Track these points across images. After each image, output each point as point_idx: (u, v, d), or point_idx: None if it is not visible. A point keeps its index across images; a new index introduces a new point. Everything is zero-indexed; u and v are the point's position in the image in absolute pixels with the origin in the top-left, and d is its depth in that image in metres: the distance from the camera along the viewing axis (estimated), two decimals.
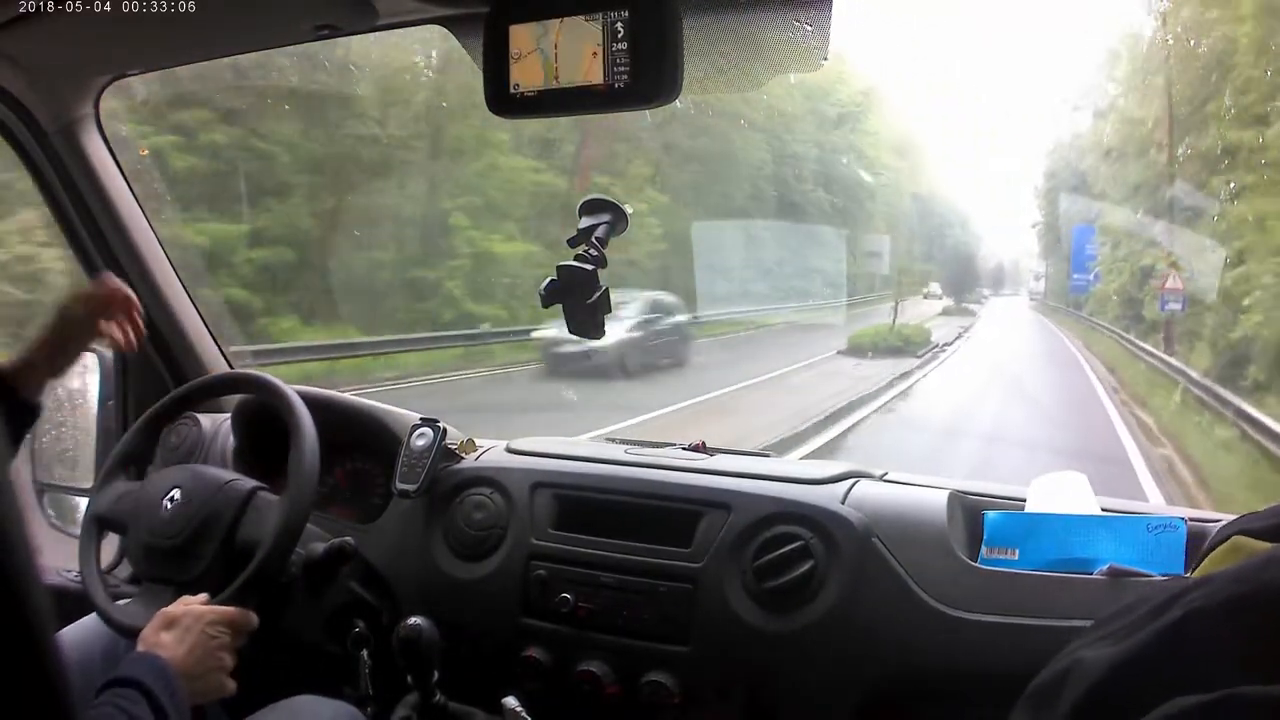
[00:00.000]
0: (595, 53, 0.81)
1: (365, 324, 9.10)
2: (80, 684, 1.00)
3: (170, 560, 1.04)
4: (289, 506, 1.02)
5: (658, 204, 11.52)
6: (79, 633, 1.13)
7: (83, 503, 1.29)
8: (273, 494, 1.08)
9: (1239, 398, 6.56)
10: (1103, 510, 1.08)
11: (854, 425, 7.12)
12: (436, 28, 1.00)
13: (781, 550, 1.06)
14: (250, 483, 1.08)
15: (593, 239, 1.08)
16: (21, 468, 1.37)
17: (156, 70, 1.40)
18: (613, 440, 1.38)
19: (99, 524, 1.14)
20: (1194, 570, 0.50)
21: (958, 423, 7.42)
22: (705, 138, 12.92)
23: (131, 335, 1.12)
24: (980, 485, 1.18)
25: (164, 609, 0.93)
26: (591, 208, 1.11)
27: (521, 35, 0.84)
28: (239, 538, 1.03)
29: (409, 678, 1.10)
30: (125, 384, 1.45)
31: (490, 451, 1.33)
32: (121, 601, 1.07)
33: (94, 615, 1.08)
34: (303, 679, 1.09)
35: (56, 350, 1.07)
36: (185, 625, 0.91)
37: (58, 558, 1.38)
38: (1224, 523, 0.52)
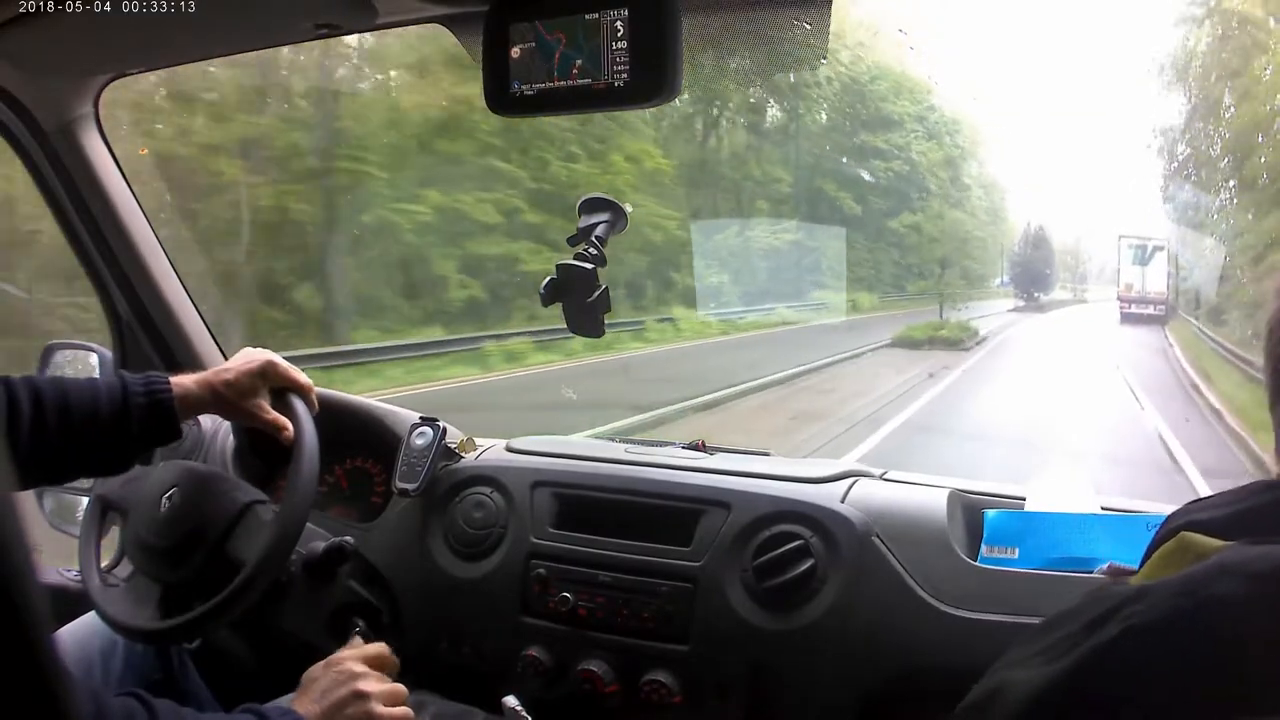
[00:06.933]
0: (595, 51, 0.81)
1: None
2: (78, 682, 1.01)
3: (161, 560, 1.03)
4: (280, 528, 1.00)
5: None
6: (78, 631, 1.13)
7: (82, 501, 1.29)
8: (271, 504, 1.07)
9: None
10: (1102, 509, 1.08)
11: None
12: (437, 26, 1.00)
13: (781, 549, 1.06)
14: (248, 495, 1.06)
15: (592, 238, 1.08)
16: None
17: (156, 70, 1.40)
18: (612, 439, 1.38)
19: (103, 504, 1.14)
20: (1141, 569, 0.44)
21: None
22: None
23: (295, 425, 1.07)
24: (980, 484, 1.18)
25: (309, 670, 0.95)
26: (591, 206, 1.11)
27: (521, 34, 0.84)
28: (228, 551, 1.02)
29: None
30: None
31: (490, 450, 1.33)
32: (110, 588, 1.07)
33: (93, 614, 1.08)
34: None
35: (226, 403, 1.06)
36: (324, 686, 0.92)
37: (57, 557, 1.38)
38: (1173, 511, 0.45)
